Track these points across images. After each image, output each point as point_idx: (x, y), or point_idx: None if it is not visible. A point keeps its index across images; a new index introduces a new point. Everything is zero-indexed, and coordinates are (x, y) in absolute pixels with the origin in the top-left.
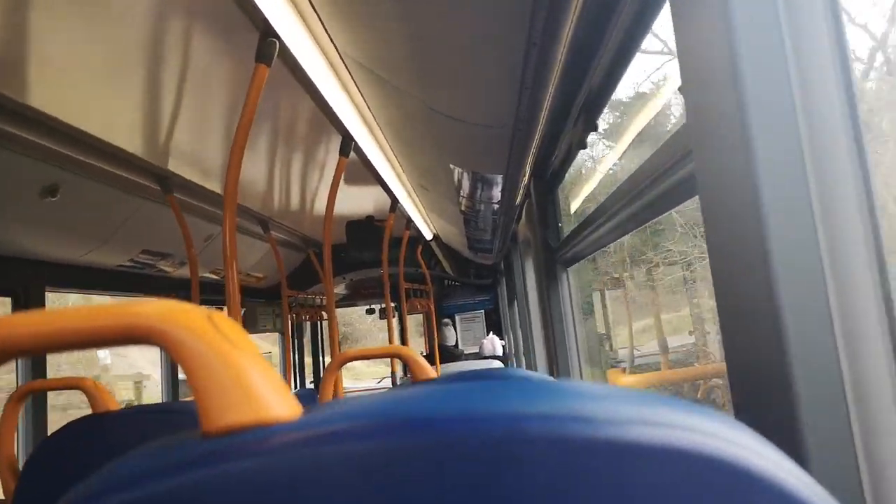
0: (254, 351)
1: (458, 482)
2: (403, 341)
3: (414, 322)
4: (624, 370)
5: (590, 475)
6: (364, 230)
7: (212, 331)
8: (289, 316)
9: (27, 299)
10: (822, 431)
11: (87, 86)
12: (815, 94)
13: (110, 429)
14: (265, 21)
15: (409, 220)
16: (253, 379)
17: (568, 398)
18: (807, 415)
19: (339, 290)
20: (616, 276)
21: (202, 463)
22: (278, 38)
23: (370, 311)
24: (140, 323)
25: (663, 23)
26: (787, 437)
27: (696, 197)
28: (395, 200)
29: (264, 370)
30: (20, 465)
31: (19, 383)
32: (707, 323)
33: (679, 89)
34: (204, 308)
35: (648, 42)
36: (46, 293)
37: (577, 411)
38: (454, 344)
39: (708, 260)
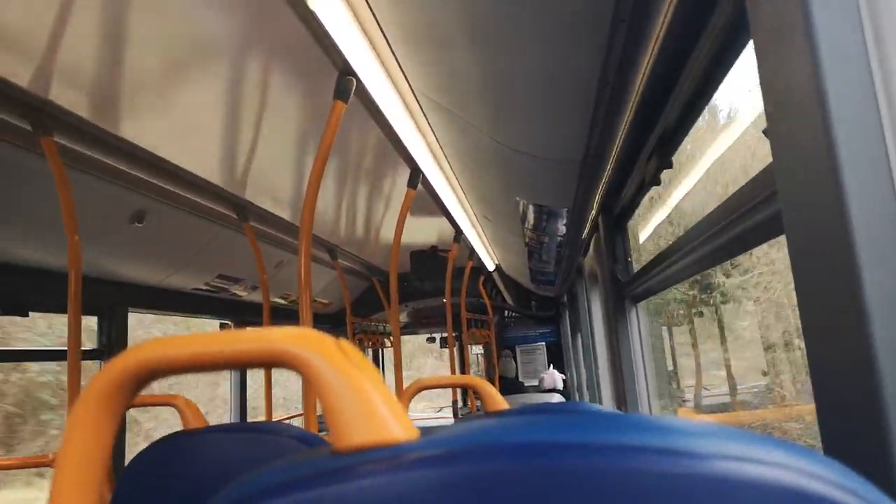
0: (377, 377)
1: None
2: (464, 370)
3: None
4: (692, 409)
5: None
6: (428, 260)
7: (341, 357)
8: (353, 342)
9: (112, 319)
10: None
11: (175, 119)
12: None
13: (200, 445)
14: (344, 60)
15: (472, 251)
16: (378, 402)
17: (665, 432)
18: None
19: (402, 318)
20: (683, 312)
21: (336, 477)
22: (356, 75)
23: (430, 340)
24: (279, 348)
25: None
26: (880, 472)
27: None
28: (458, 231)
29: (386, 395)
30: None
31: None
32: (780, 363)
33: (764, 132)
34: (332, 336)
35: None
36: (129, 314)
37: (675, 445)
38: (514, 376)
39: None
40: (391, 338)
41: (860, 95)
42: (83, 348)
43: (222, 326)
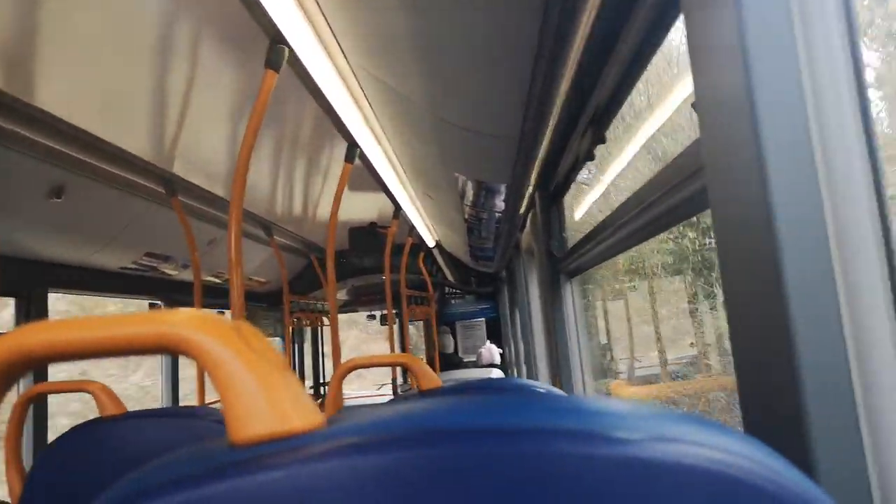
0: (279, 362)
1: (481, 495)
2: (404, 348)
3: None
4: (627, 381)
5: (608, 492)
6: (367, 236)
7: (240, 342)
8: (290, 321)
9: (30, 300)
10: (833, 445)
11: (95, 87)
12: (829, 109)
13: (118, 432)
14: (275, 28)
15: (412, 228)
16: (279, 389)
17: (588, 414)
18: (817, 429)
19: (341, 295)
20: (617, 286)
21: (231, 472)
22: (288, 44)
23: (371, 317)
24: (171, 332)
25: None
26: (797, 451)
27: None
28: (398, 207)
29: (289, 381)
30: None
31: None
32: (707, 335)
33: (693, 105)
34: (231, 319)
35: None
36: (49, 294)
37: (600, 427)
38: (453, 351)
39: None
40: (330, 316)
41: (785, 67)
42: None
43: (151, 307)
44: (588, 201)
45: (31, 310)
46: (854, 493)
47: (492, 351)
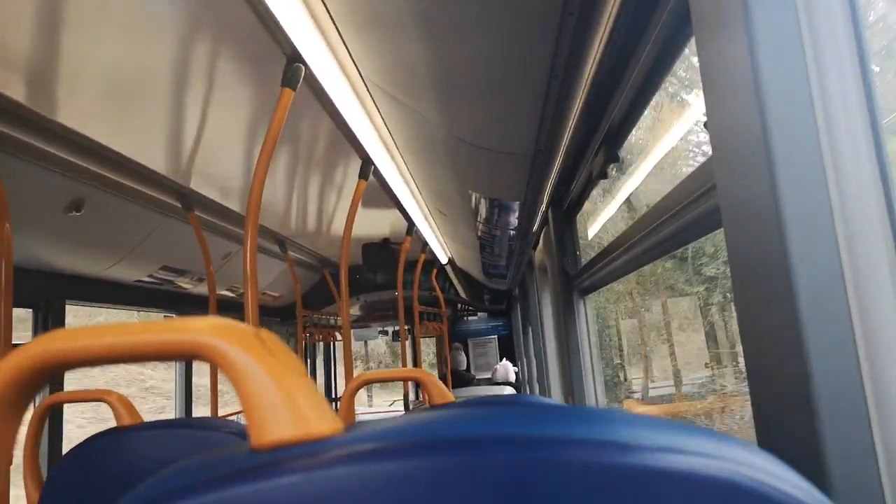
0: (300, 369)
1: (497, 503)
2: (416, 364)
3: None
4: (639, 401)
5: (621, 501)
6: (380, 252)
7: (261, 348)
8: (302, 335)
9: (47, 312)
10: (846, 458)
11: (115, 104)
12: (840, 128)
13: (134, 442)
14: (292, 46)
15: (425, 244)
16: (299, 396)
17: (602, 424)
18: (830, 442)
19: (353, 311)
20: (632, 305)
21: (252, 475)
22: (304, 63)
23: (383, 333)
24: (194, 339)
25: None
26: (810, 464)
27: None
28: (411, 224)
29: (309, 387)
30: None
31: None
32: (723, 356)
33: (704, 125)
34: (253, 327)
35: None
36: (66, 306)
37: (613, 437)
38: (465, 368)
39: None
40: (342, 331)
41: (796, 88)
42: (16, 342)
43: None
44: (601, 219)
45: (49, 321)
46: None
47: (507, 368)
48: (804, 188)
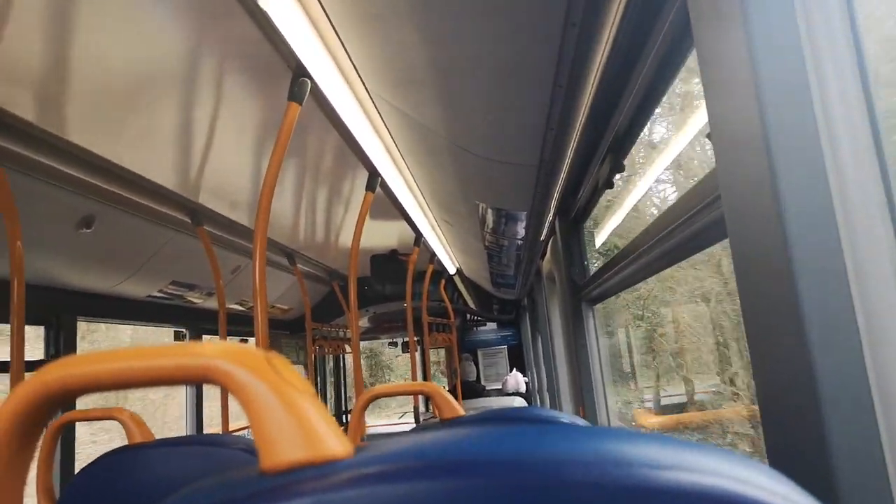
0: (309, 391)
1: None
2: (426, 376)
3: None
4: (650, 410)
5: None
6: (388, 264)
7: (270, 372)
8: (312, 348)
9: (59, 328)
10: (857, 478)
11: (124, 121)
12: (842, 137)
13: (145, 460)
14: (298, 62)
15: (433, 255)
16: (309, 418)
17: (607, 444)
18: (840, 462)
19: (363, 323)
20: (640, 313)
21: (262, 499)
22: (310, 77)
23: (392, 345)
24: (203, 364)
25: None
26: (820, 484)
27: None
28: (419, 235)
29: (319, 409)
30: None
31: None
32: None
33: (707, 136)
34: (261, 350)
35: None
36: (78, 322)
37: (619, 457)
38: (475, 379)
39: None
40: (352, 343)
41: (798, 100)
42: (28, 359)
43: (177, 335)
44: (609, 227)
45: (61, 337)
46: None
47: (518, 379)
48: (807, 197)
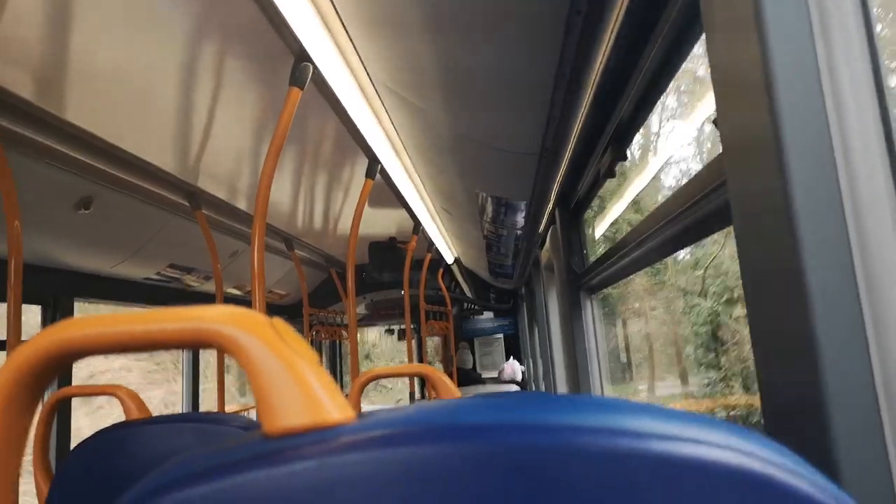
0: (312, 357)
1: (509, 488)
2: (422, 362)
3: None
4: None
5: (633, 488)
6: (386, 251)
7: (275, 337)
8: (309, 333)
9: (56, 309)
10: (855, 447)
11: (124, 102)
12: (851, 123)
13: (142, 436)
14: (300, 45)
15: (431, 243)
16: (312, 383)
17: (612, 412)
18: (839, 431)
19: (360, 309)
20: (637, 304)
21: (265, 461)
22: (312, 62)
23: (389, 332)
24: (207, 327)
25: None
26: (819, 453)
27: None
28: (418, 223)
29: (322, 375)
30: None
31: None
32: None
33: (714, 122)
34: (264, 316)
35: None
36: (75, 303)
37: (626, 425)
38: (471, 367)
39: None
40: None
41: (807, 86)
42: (25, 339)
43: None
44: (608, 218)
45: (57, 317)
46: (877, 494)
47: (514, 367)
48: (815, 184)
